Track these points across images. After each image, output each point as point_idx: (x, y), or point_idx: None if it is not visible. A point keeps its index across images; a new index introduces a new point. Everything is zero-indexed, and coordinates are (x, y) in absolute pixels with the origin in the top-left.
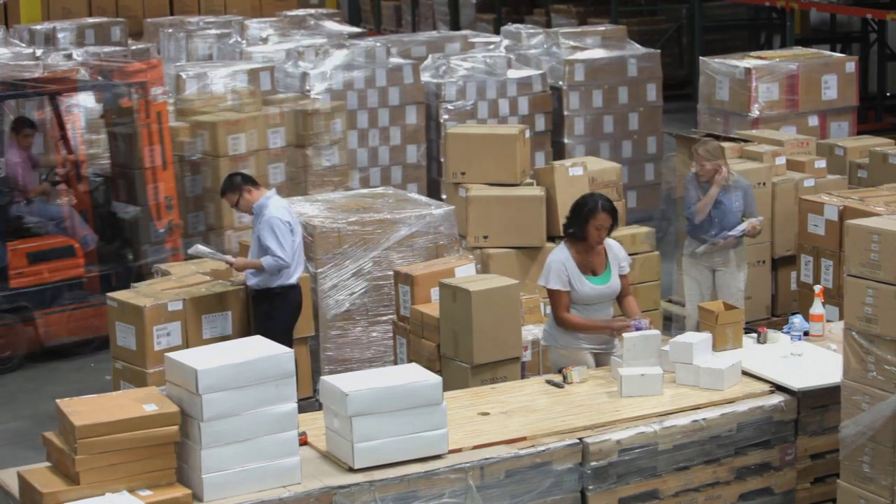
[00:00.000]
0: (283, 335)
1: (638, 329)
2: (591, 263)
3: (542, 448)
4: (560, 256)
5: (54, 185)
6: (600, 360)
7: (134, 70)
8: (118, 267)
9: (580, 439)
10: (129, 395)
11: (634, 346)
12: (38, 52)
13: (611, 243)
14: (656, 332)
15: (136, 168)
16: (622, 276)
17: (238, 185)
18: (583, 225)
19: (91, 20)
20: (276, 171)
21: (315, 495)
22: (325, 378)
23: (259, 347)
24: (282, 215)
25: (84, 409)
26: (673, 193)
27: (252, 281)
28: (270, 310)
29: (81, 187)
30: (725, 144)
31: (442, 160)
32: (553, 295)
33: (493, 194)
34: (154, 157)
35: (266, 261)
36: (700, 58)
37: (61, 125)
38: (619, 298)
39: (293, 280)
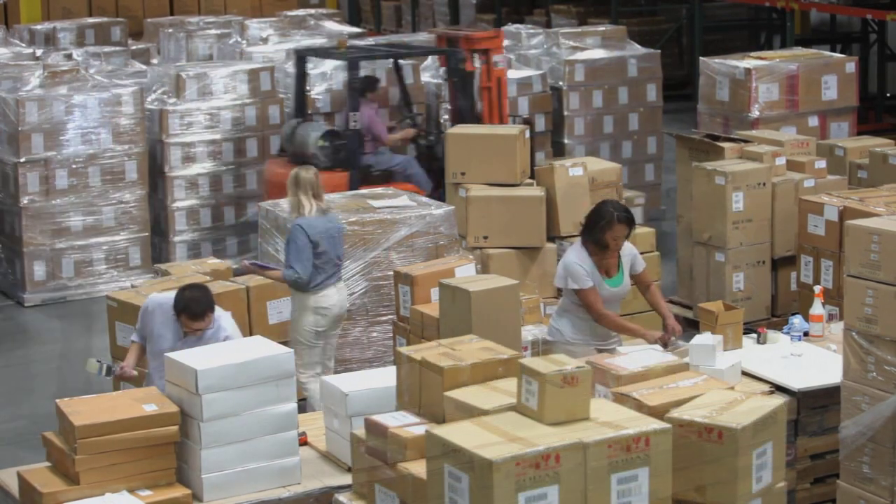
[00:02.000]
0: None
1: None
2: (605, 265)
3: None
4: (581, 256)
5: (414, 140)
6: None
7: (479, 38)
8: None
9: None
10: (129, 395)
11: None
12: (38, 52)
13: (623, 246)
14: (718, 336)
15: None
16: (640, 273)
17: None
18: (599, 235)
19: (91, 20)
20: None
21: (315, 495)
22: (325, 378)
23: (259, 347)
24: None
25: (84, 409)
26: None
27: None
28: None
29: (421, 142)
30: (726, 145)
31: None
32: (586, 295)
33: (493, 194)
34: (492, 117)
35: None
36: (700, 58)
37: (403, 86)
38: (644, 291)
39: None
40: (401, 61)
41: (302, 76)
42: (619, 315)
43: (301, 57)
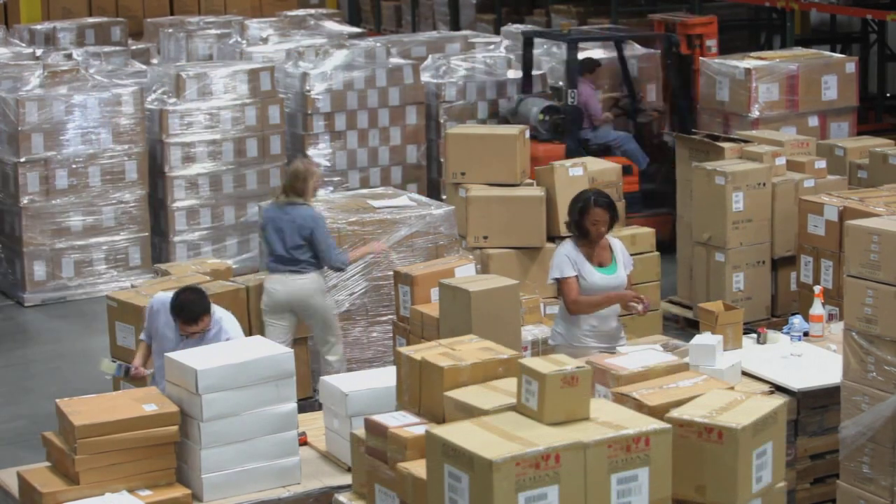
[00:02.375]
0: None
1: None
2: (597, 256)
3: None
4: (567, 248)
5: (618, 115)
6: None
7: (694, 23)
8: (664, 187)
9: None
10: (129, 395)
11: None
12: (38, 52)
13: (614, 242)
14: (718, 336)
15: (687, 105)
16: (627, 273)
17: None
18: (579, 221)
19: (91, 20)
20: None
21: (315, 495)
22: (324, 378)
23: (259, 347)
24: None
25: (84, 409)
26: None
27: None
28: None
29: (639, 118)
30: (726, 145)
31: (442, 160)
32: (564, 283)
33: (493, 194)
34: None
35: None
36: (700, 58)
37: (624, 66)
38: None
39: None
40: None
41: (529, 57)
42: (618, 315)
43: (528, 39)
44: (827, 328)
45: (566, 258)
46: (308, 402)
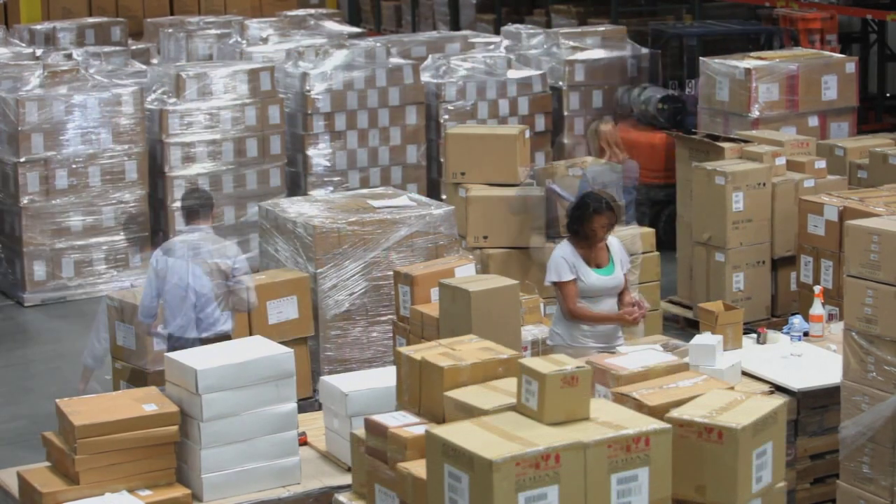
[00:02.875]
0: None
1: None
2: (595, 258)
3: None
4: (564, 251)
5: None
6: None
7: (813, 18)
8: None
9: None
10: (129, 395)
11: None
12: (38, 52)
13: (612, 241)
14: (718, 336)
15: None
16: (624, 274)
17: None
18: (584, 225)
19: (91, 20)
20: None
21: (314, 495)
22: (324, 378)
23: (259, 347)
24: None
25: (84, 409)
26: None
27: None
28: None
29: None
30: (726, 145)
31: (442, 160)
32: (562, 287)
33: (493, 194)
34: None
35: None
36: (700, 58)
37: None
38: (619, 295)
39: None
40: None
41: (656, 51)
42: (616, 312)
43: (657, 33)
44: (827, 328)
45: (564, 261)
46: (308, 402)
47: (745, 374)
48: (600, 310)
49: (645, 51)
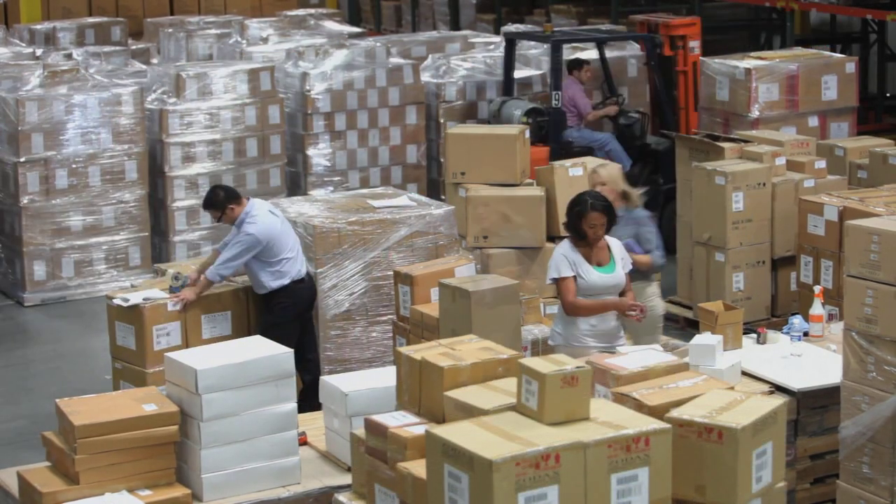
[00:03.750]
0: (276, 332)
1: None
2: (595, 256)
3: None
4: (564, 249)
5: (614, 118)
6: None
7: (677, 24)
8: (650, 189)
9: None
10: (129, 395)
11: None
12: (38, 52)
13: (612, 241)
14: (718, 336)
15: (671, 108)
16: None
17: (221, 202)
18: (577, 224)
19: (91, 20)
20: None
21: (314, 495)
22: (325, 378)
23: (259, 347)
24: (260, 231)
25: (84, 409)
26: None
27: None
28: (266, 309)
29: (621, 120)
30: (726, 145)
31: (442, 160)
32: (561, 284)
33: (493, 194)
34: (687, 99)
35: (210, 271)
36: (700, 58)
37: (605, 68)
38: (620, 295)
39: (285, 280)
40: (510, 48)
41: (510, 58)
42: (617, 314)
43: (510, 40)
44: (827, 328)
45: (564, 258)
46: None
47: (745, 374)
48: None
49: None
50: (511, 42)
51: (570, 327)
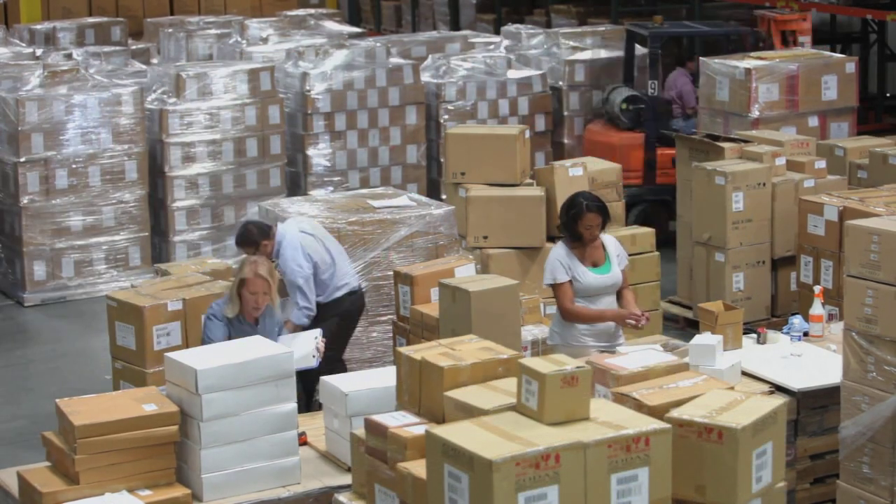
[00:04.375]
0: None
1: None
2: (590, 256)
3: None
4: (559, 252)
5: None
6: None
7: (786, 19)
8: None
9: None
10: (129, 395)
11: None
12: (38, 52)
13: (607, 239)
14: (718, 336)
15: None
16: (623, 270)
17: (255, 240)
18: (572, 226)
19: (91, 20)
20: None
21: (314, 495)
22: (325, 378)
23: (259, 347)
24: (296, 257)
25: (84, 409)
26: None
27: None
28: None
29: None
30: (726, 145)
31: (442, 160)
32: (558, 289)
33: (493, 194)
34: None
35: (294, 316)
36: (700, 58)
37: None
38: (617, 293)
39: (339, 294)
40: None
41: (631, 49)
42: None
43: (630, 33)
44: (827, 328)
45: (559, 263)
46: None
47: (745, 374)
48: (597, 307)
49: (645, 51)
50: (632, 35)
51: (569, 327)
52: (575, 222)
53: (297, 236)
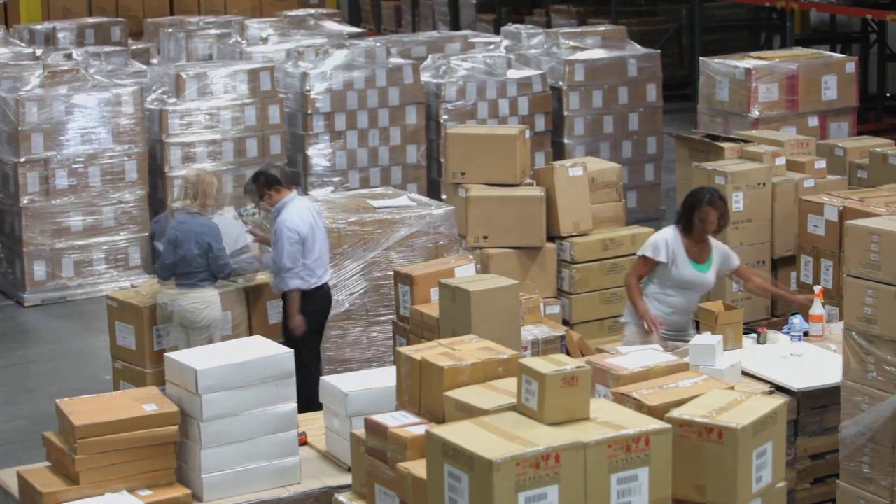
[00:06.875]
0: (296, 341)
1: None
2: (695, 251)
3: None
4: (669, 233)
5: None
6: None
7: None
8: None
9: None
10: (129, 395)
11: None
12: (38, 52)
13: (716, 243)
14: (718, 336)
15: None
16: (739, 268)
17: (260, 189)
18: (689, 215)
19: (91, 20)
20: None
21: (314, 495)
22: (325, 378)
23: (259, 347)
24: (293, 223)
25: (84, 409)
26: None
27: (272, 284)
28: (286, 313)
29: None
30: (726, 145)
31: (442, 160)
32: (642, 262)
33: (493, 194)
34: None
35: (265, 257)
36: (700, 58)
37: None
38: (747, 283)
39: (310, 285)
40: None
41: None
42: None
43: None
44: (827, 328)
45: (665, 242)
46: None
47: (745, 374)
48: (679, 302)
49: (645, 51)
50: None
51: (655, 306)
52: (692, 211)
53: (299, 211)
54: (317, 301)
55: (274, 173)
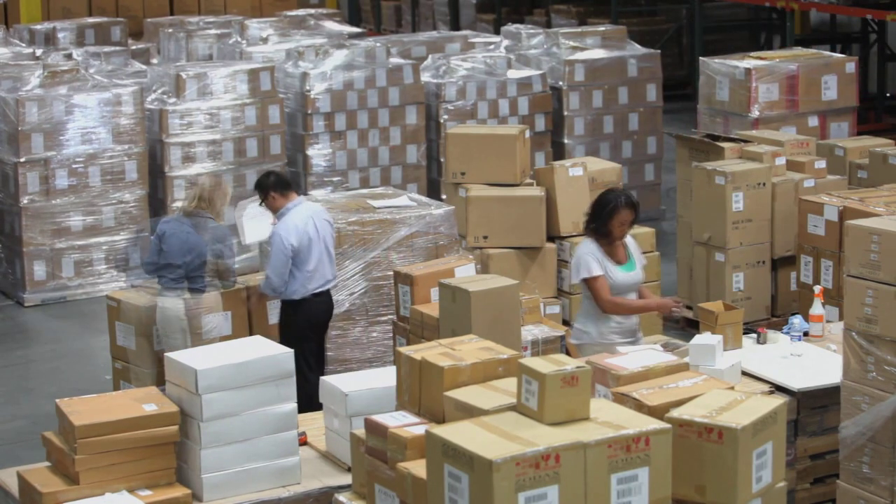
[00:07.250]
0: (294, 345)
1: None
2: (615, 255)
3: None
4: (590, 247)
5: None
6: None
7: None
8: None
9: None
10: (129, 395)
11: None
12: (38, 52)
13: (627, 239)
14: (718, 336)
15: None
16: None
17: (265, 188)
18: (606, 221)
19: (91, 20)
20: None
21: (314, 495)
22: (325, 378)
23: (259, 347)
24: (286, 233)
25: (84, 409)
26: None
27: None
28: (284, 319)
29: None
30: (726, 145)
31: (442, 160)
32: (594, 283)
33: (493, 194)
34: None
35: (261, 283)
36: (700, 58)
37: None
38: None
39: (306, 293)
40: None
41: None
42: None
43: None
44: (827, 328)
45: (592, 257)
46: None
47: (745, 374)
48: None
49: (645, 51)
50: None
51: (600, 325)
52: (610, 218)
53: (298, 221)
54: (315, 308)
55: (286, 177)
